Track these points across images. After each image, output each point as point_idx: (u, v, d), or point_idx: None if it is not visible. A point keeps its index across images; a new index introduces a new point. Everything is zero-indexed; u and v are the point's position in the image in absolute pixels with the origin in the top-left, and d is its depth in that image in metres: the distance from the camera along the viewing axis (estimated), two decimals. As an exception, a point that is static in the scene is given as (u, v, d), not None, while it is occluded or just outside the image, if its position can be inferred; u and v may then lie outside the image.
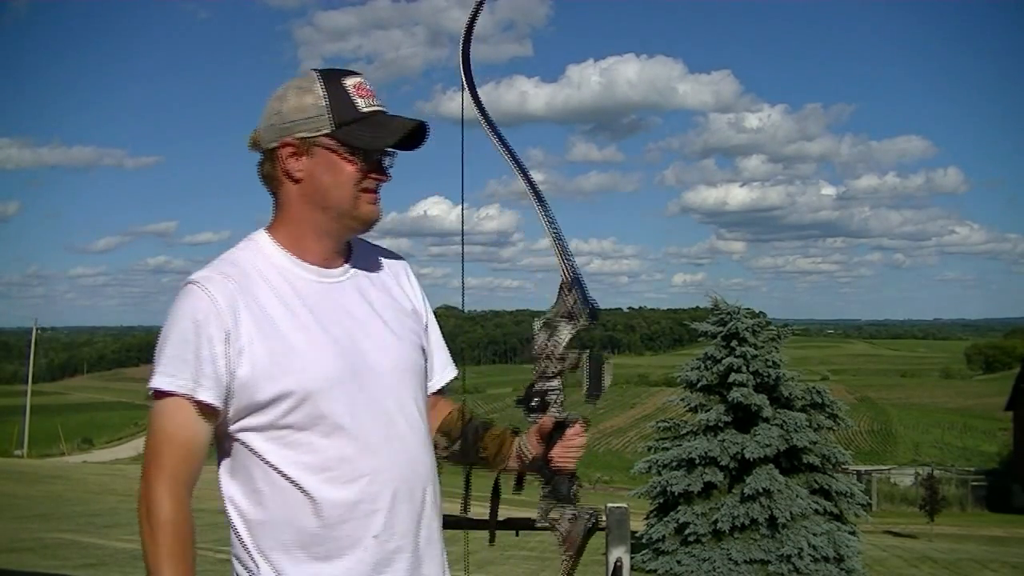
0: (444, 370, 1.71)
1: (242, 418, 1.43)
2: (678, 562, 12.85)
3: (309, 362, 1.42)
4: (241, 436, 1.44)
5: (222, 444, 1.48)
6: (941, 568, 15.79)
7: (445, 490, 1.61)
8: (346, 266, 1.56)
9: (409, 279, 1.68)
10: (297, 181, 1.50)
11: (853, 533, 13.08)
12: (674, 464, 13.39)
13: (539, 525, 1.61)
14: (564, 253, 1.61)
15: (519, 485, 1.67)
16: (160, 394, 1.41)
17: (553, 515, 1.58)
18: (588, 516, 1.57)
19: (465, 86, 1.76)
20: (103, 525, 13.82)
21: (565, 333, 1.55)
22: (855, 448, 34.21)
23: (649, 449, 14.52)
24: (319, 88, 1.48)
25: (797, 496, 12.72)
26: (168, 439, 1.40)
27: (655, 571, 13.02)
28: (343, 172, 1.48)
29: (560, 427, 1.56)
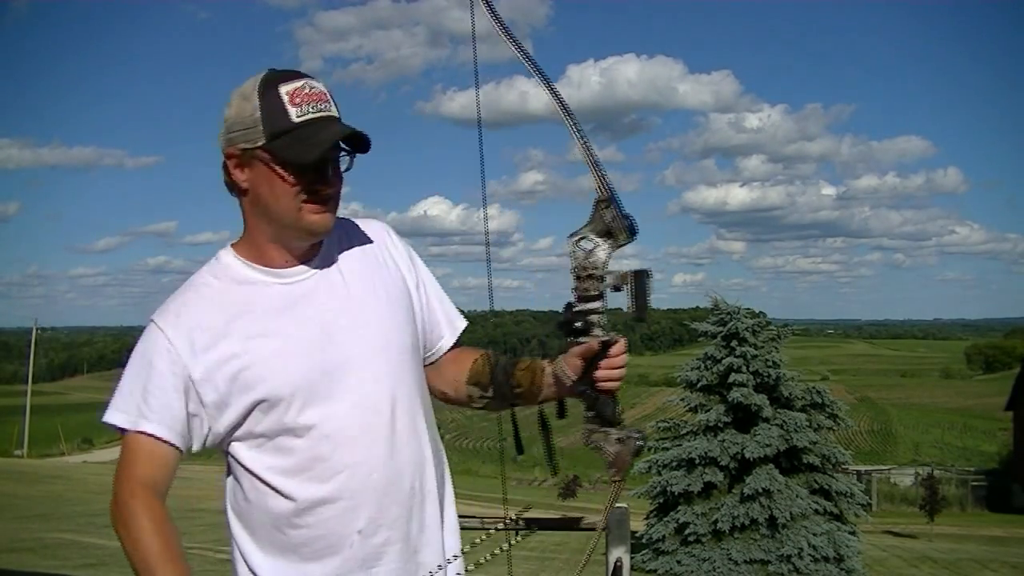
0: (453, 323, 1.68)
1: (226, 437, 1.46)
2: (678, 562, 12.85)
3: (271, 370, 1.43)
4: (231, 450, 1.48)
5: (225, 461, 1.52)
6: (941, 568, 15.77)
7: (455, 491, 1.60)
8: (316, 259, 1.52)
9: (392, 242, 1.63)
10: (244, 192, 1.48)
11: (853, 533, 13.07)
12: (674, 464, 13.38)
13: (589, 445, 1.51)
14: (598, 166, 1.50)
15: (561, 412, 1.61)
16: None
17: (597, 437, 1.50)
18: (637, 436, 1.49)
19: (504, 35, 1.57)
20: (103, 525, 13.78)
21: (604, 251, 1.46)
22: (855, 448, 34.15)
23: (649, 449, 14.50)
24: (255, 97, 1.42)
25: (797, 496, 12.71)
26: (135, 453, 1.43)
27: (655, 571, 13.01)
28: (278, 186, 1.43)
29: (602, 347, 1.49)
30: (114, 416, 1.44)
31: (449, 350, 1.67)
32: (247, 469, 1.46)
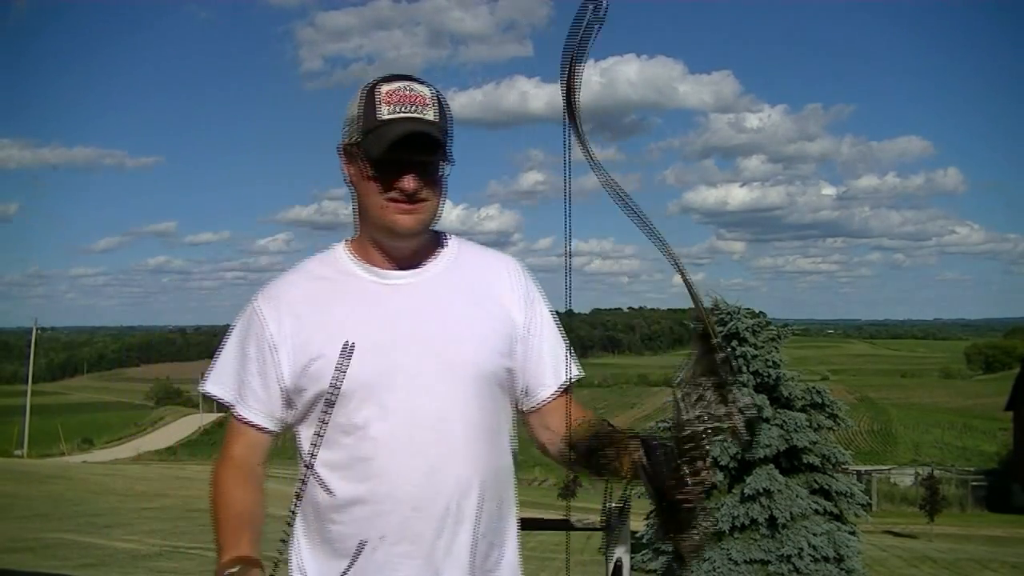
0: (559, 373, 1.59)
1: (294, 424, 1.54)
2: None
3: (337, 367, 1.46)
4: (297, 436, 1.55)
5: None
6: (941, 568, 15.79)
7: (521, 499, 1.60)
8: (420, 268, 1.55)
9: (513, 278, 1.61)
10: (353, 187, 1.54)
11: (853, 533, 13.07)
12: (674, 464, 13.38)
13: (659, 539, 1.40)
14: (695, 294, 1.37)
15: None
16: None
17: (673, 533, 1.39)
18: (710, 522, 1.41)
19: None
20: (103, 525, 13.82)
21: (714, 397, 1.33)
22: (855, 448, 34.11)
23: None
24: (362, 95, 1.48)
25: (797, 496, 12.71)
26: (231, 433, 1.56)
27: (655, 571, 13.02)
28: (365, 181, 1.48)
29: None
30: (213, 388, 1.57)
31: (554, 399, 1.60)
32: (304, 458, 1.52)
